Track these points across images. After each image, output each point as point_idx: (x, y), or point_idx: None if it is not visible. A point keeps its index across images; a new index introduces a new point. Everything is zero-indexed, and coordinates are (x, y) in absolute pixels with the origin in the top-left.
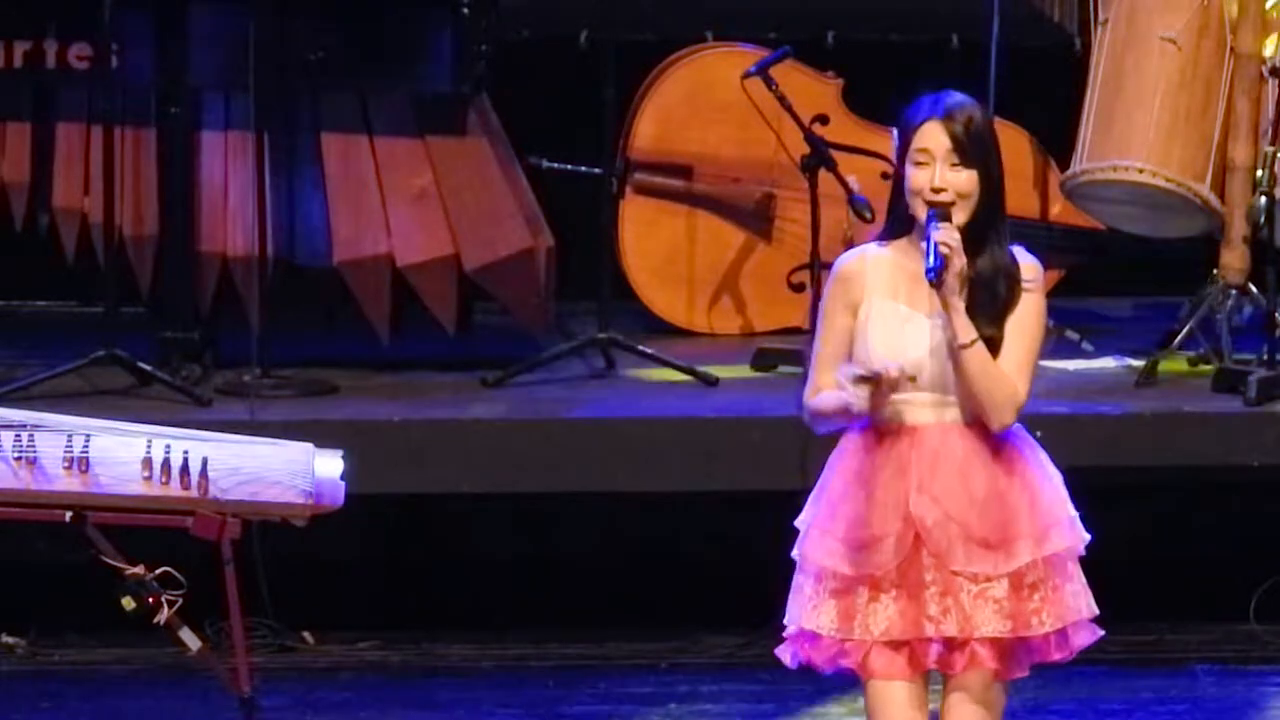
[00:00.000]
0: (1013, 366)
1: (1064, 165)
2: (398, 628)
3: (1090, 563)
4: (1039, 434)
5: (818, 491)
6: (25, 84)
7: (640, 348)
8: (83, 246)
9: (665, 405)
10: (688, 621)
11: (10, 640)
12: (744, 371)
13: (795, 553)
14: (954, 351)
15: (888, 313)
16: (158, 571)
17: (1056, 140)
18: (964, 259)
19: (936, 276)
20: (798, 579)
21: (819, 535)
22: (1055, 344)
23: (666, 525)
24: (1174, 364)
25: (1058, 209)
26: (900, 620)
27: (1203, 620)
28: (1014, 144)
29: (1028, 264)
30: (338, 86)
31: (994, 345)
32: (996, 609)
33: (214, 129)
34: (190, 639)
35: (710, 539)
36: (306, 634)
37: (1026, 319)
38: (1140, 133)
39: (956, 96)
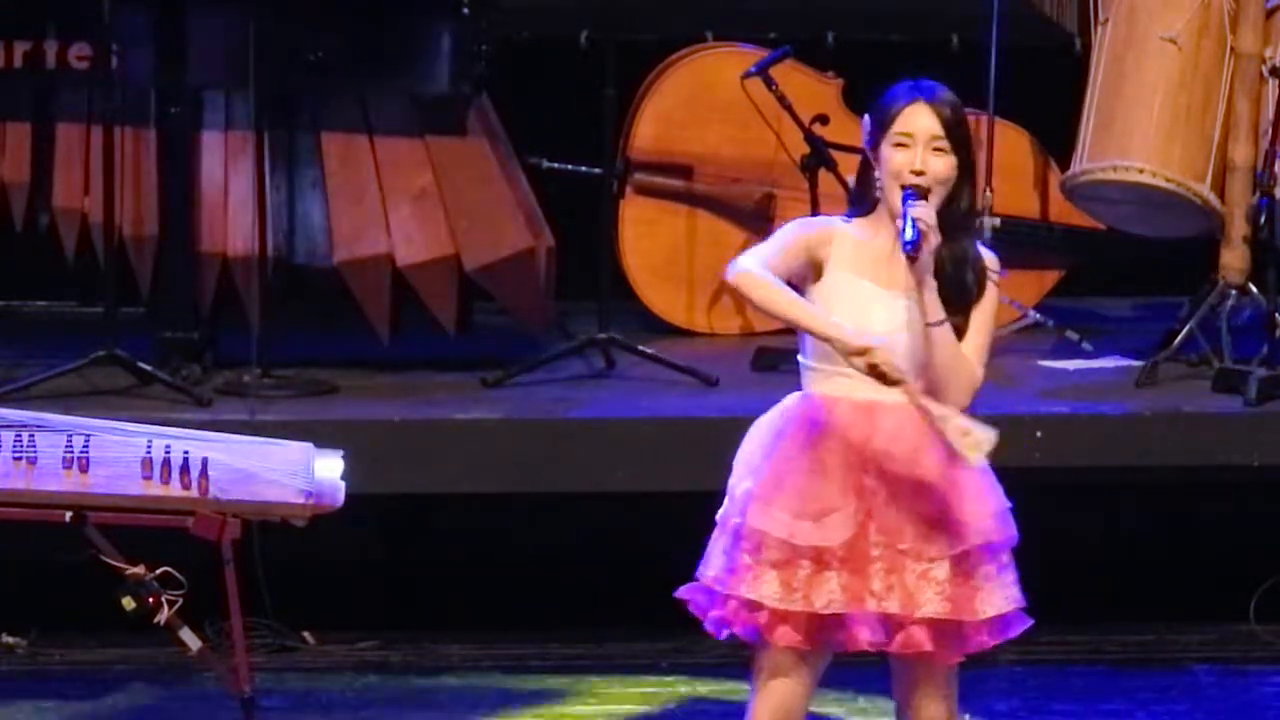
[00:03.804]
0: (973, 352)
1: (1064, 165)
2: (398, 628)
3: (1090, 562)
4: (1039, 434)
5: (756, 457)
6: (25, 84)
7: (640, 348)
8: (83, 246)
9: (665, 405)
10: (688, 621)
11: (10, 640)
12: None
13: (731, 518)
14: (924, 329)
15: (855, 290)
16: (158, 571)
17: (1056, 140)
18: (939, 237)
19: (914, 249)
20: (728, 545)
21: (763, 504)
22: (1055, 344)
23: (666, 525)
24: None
25: (1057, 209)
26: (843, 594)
27: (1203, 620)
28: (1014, 144)
29: (989, 255)
30: (338, 86)
31: (958, 334)
32: (938, 590)
33: (214, 129)
34: (190, 639)
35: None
36: (306, 634)
37: (986, 308)
38: (1140, 133)
39: (936, 83)
